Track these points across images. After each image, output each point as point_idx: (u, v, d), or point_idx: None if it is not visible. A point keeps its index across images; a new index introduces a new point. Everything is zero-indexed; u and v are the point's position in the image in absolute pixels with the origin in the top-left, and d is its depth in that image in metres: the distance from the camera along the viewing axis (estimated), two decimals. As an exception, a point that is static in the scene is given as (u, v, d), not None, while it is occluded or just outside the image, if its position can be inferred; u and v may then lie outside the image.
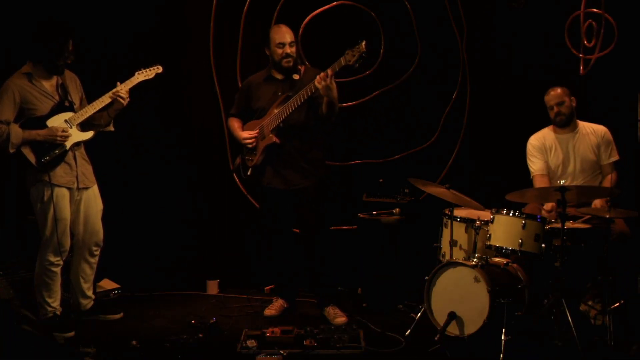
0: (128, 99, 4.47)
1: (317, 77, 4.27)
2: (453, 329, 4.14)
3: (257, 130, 4.60)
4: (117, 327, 4.57)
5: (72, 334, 4.32)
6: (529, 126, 4.96)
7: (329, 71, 4.25)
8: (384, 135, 5.46)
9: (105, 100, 4.43)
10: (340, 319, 4.57)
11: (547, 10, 5.18)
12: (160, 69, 4.59)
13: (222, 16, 5.44)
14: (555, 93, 4.69)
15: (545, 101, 4.73)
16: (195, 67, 5.49)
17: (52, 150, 4.34)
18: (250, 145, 4.63)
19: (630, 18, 5.02)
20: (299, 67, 4.62)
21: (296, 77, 4.58)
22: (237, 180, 5.45)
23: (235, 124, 4.77)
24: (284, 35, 4.53)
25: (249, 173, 4.69)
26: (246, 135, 4.63)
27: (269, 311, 4.78)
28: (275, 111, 4.52)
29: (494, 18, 5.31)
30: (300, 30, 5.33)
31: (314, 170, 4.62)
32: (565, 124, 4.71)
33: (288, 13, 5.34)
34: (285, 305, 4.83)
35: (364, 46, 4.18)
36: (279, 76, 4.61)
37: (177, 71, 5.41)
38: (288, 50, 4.52)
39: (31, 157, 4.30)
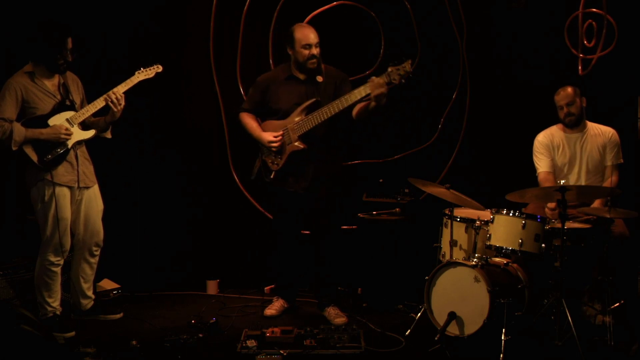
0: (122, 105, 4.40)
1: (376, 88, 4.13)
2: (453, 329, 4.14)
3: (281, 132, 4.51)
4: (117, 327, 4.57)
5: (72, 334, 4.32)
6: (529, 126, 4.96)
7: (384, 85, 4.13)
8: (384, 135, 5.46)
9: (101, 102, 4.42)
10: (340, 319, 4.57)
11: (547, 10, 5.18)
12: (160, 68, 4.58)
13: (222, 16, 5.43)
14: (566, 93, 4.66)
15: (555, 101, 4.71)
16: (195, 67, 5.48)
17: (55, 149, 4.34)
18: (274, 149, 4.53)
19: (630, 18, 5.02)
20: (322, 64, 4.53)
21: (320, 79, 4.49)
22: (237, 180, 5.45)
23: (252, 122, 4.64)
24: (309, 36, 4.44)
25: (272, 177, 4.59)
26: (272, 138, 4.49)
27: (269, 311, 4.78)
28: (301, 117, 4.42)
29: (494, 18, 5.31)
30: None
31: (334, 173, 4.60)
32: (575, 124, 4.69)
33: (288, 13, 5.34)
34: (286, 306, 4.83)
35: (409, 66, 4.08)
36: (301, 76, 4.53)
37: (177, 71, 5.40)
38: (314, 51, 4.43)
39: (33, 156, 4.30)
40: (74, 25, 4.47)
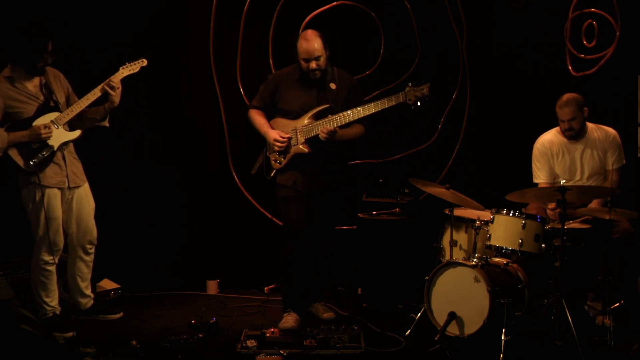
0: (119, 89, 4.36)
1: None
2: (453, 329, 4.14)
3: (288, 134, 4.48)
4: (117, 327, 4.57)
5: (72, 334, 4.31)
6: (528, 126, 4.96)
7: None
8: (384, 135, 5.46)
9: (96, 93, 4.36)
10: (328, 313, 4.60)
11: (547, 10, 5.18)
12: (145, 62, 4.49)
13: (222, 16, 5.43)
14: (570, 109, 4.45)
15: (557, 112, 4.52)
16: (195, 66, 5.48)
17: (40, 152, 4.30)
18: (277, 149, 4.49)
19: (630, 18, 5.01)
20: (334, 68, 4.51)
21: (333, 86, 4.46)
22: (237, 180, 5.45)
23: (261, 118, 4.57)
24: (308, 50, 4.35)
25: (272, 174, 4.58)
26: (278, 137, 4.46)
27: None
28: (311, 120, 4.41)
29: (494, 18, 5.31)
30: (301, 30, 5.33)
31: (337, 177, 4.57)
32: (575, 137, 4.56)
33: (288, 13, 5.34)
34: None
35: (427, 90, 4.14)
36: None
37: (177, 71, 5.40)
38: (313, 65, 4.37)
39: (19, 160, 4.27)
40: (74, 25, 4.45)
